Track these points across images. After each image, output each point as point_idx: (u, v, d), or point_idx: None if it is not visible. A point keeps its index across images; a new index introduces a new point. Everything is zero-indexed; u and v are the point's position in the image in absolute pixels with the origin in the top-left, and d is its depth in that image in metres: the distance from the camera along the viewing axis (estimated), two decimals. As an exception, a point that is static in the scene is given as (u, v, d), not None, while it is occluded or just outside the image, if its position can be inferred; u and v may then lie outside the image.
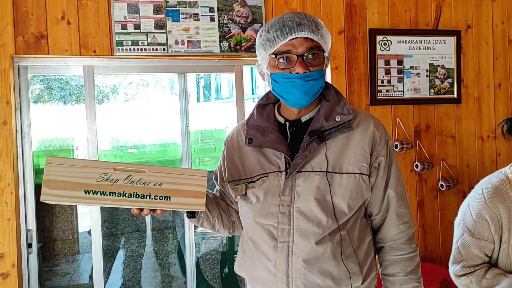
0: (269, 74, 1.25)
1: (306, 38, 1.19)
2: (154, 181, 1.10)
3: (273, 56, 1.21)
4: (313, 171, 1.22)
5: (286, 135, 1.29)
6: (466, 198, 1.59)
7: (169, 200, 1.10)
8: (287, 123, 1.31)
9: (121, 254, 3.39)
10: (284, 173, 1.25)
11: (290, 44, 1.19)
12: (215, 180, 1.46)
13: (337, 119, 1.24)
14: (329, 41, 1.25)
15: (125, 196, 1.08)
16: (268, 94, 1.37)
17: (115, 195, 1.07)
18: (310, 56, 1.19)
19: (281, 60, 1.20)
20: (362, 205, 1.28)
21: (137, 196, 1.08)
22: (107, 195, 1.07)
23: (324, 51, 1.23)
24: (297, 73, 1.18)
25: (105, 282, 2.48)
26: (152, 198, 1.09)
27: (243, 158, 1.33)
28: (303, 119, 1.29)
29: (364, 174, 1.23)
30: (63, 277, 3.20)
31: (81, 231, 3.31)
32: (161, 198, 1.10)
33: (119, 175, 1.07)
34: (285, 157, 1.25)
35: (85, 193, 1.06)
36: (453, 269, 1.53)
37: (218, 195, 1.45)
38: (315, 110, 1.29)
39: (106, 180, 1.07)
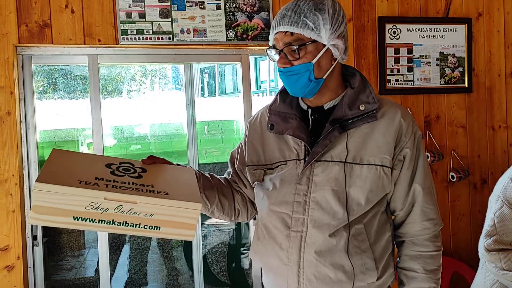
0: None
1: (286, 32, 1.15)
2: (145, 211, 1.07)
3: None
4: (332, 161, 1.18)
5: (309, 122, 1.25)
6: (506, 172, 1.54)
7: (159, 230, 1.09)
8: (309, 110, 1.26)
9: (126, 247, 3.36)
10: (302, 161, 1.21)
11: (275, 38, 1.19)
12: (230, 162, 1.43)
13: (361, 108, 1.18)
14: (324, 27, 1.13)
15: (115, 224, 1.07)
16: None
17: (104, 223, 1.06)
18: (290, 51, 1.16)
19: (272, 52, 1.20)
20: (384, 198, 1.23)
21: (127, 224, 1.07)
22: (96, 222, 1.05)
23: (314, 41, 1.14)
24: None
25: (111, 276, 2.45)
26: (141, 227, 1.08)
27: (265, 143, 1.30)
28: (326, 106, 1.24)
29: (386, 166, 1.18)
30: (69, 271, 3.19)
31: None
32: (150, 227, 1.08)
33: (109, 205, 1.05)
34: (305, 145, 1.21)
35: (74, 219, 1.04)
36: (484, 242, 1.48)
37: (229, 177, 1.42)
38: (339, 97, 1.24)
39: (95, 208, 1.04)
